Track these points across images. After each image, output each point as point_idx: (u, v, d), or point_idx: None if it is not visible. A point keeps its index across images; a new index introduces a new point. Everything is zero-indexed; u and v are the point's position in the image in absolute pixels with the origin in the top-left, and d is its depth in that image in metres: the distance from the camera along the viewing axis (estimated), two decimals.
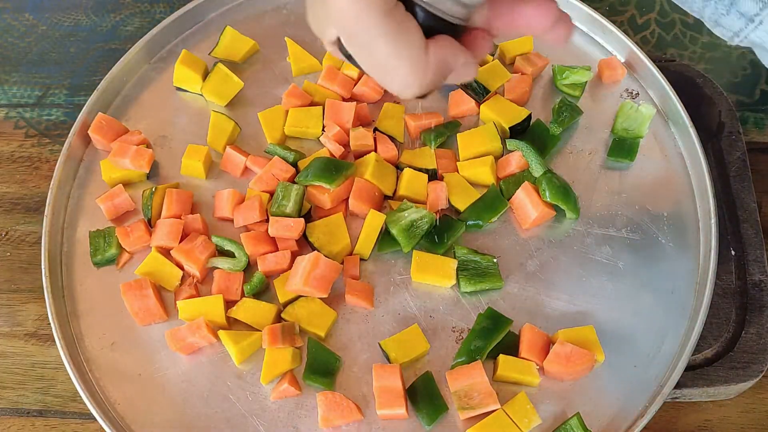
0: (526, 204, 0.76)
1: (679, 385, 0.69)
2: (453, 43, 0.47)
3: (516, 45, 0.87)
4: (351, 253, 0.76)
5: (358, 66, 0.47)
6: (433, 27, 0.46)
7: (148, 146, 0.83)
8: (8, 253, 0.84)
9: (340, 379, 0.70)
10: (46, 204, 0.78)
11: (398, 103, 0.85)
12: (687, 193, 0.79)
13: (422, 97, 0.49)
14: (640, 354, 0.71)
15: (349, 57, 0.47)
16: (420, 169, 0.79)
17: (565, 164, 0.81)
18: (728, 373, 0.71)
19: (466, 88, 0.83)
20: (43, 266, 0.75)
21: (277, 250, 0.75)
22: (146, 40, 0.89)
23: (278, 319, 0.73)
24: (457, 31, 0.47)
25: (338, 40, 0.46)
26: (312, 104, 0.84)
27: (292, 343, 0.70)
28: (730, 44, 0.55)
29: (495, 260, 0.75)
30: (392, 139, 0.82)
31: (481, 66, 0.85)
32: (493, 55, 0.86)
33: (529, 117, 0.82)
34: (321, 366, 0.70)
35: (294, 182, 0.78)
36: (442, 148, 0.82)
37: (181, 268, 0.75)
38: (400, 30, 0.43)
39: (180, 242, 0.75)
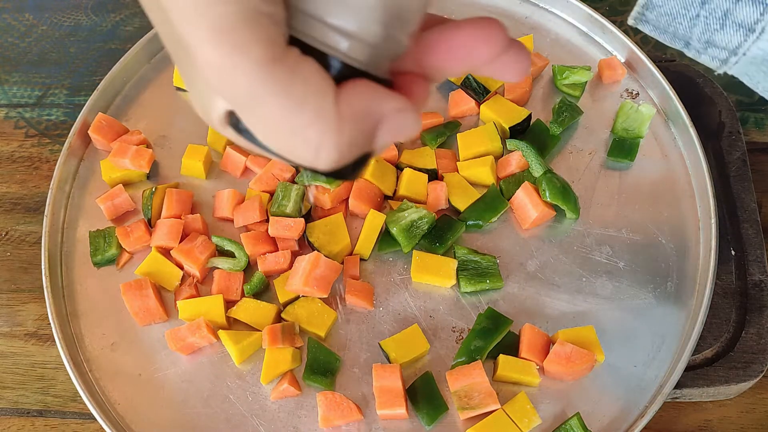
0: (526, 204, 0.76)
1: (679, 385, 0.69)
2: (373, 87, 0.35)
3: None
4: (351, 253, 0.76)
5: (260, 146, 0.36)
6: (344, 79, 0.35)
7: (148, 146, 0.83)
8: (8, 253, 0.84)
9: (340, 379, 0.70)
10: (46, 204, 0.78)
11: None
12: (687, 193, 0.79)
13: (345, 173, 0.38)
14: (640, 354, 0.71)
15: (246, 132, 0.36)
16: (420, 169, 0.79)
17: (565, 164, 0.81)
18: (728, 373, 0.71)
19: (466, 88, 0.83)
20: (43, 266, 0.75)
21: (277, 250, 0.75)
22: (146, 40, 0.89)
23: (278, 319, 0.73)
24: (380, 82, 0.36)
25: (229, 115, 0.36)
26: None
27: (292, 343, 0.70)
28: (718, 73, 0.46)
29: (495, 260, 0.75)
30: None
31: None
32: None
33: (529, 117, 0.82)
34: (321, 366, 0.70)
35: (294, 182, 0.78)
36: (442, 148, 0.82)
37: (181, 268, 0.75)
38: (294, 78, 0.33)
39: (180, 242, 0.75)
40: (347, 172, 0.38)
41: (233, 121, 0.36)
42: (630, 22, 0.48)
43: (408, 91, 0.38)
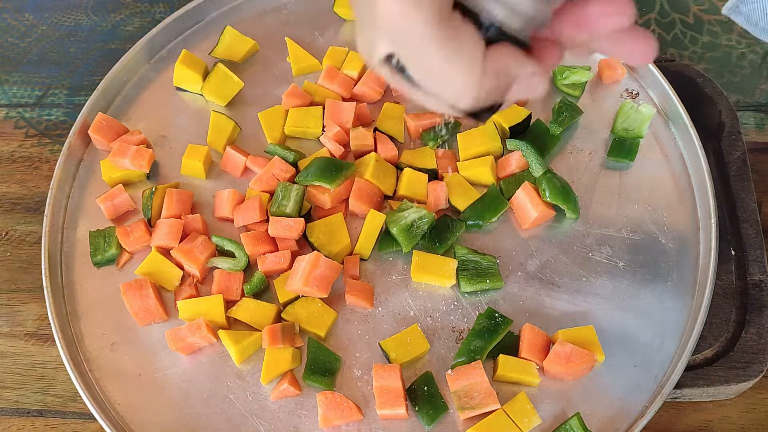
0: (526, 204, 0.76)
1: (679, 385, 0.69)
2: (515, 51, 0.44)
3: None
4: (351, 253, 0.76)
5: (411, 81, 0.46)
6: (494, 40, 0.44)
7: (148, 146, 0.83)
8: (8, 253, 0.84)
9: (340, 379, 0.70)
10: (46, 204, 0.78)
11: (398, 103, 0.85)
12: (687, 193, 0.79)
13: (479, 115, 0.47)
14: (640, 354, 0.71)
15: (401, 71, 0.46)
16: (420, 169, 0.79)
17: (565, 164, 0.81)
18: (728, 373, 0.71)
19: None
20: (43, 266, 0.75)
21: (277, 250, 0.75)
22: (146, 40, 0.89)
23: (278, 319, 0.73)
24: (521, 45, 0.45)
25: (388, 57, 0.45)
26: (312, 104, 0.84)
27: (292, 343, 0.70)
28: None
29: (495, 260, 0.75)
30: (392, 139, 0.82)
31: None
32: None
33: (529, 117, 0.82)
34: (321, 366, 0.70)
35: (294, 182, 0.78)
36: (442, 148, 0.82)
37: (181, 268, 0.75)
38: (454, 36, 0.42)
39: (180, 242, 0.75)
40: (478, 114, 0.48)
41: (393, 62, 0.45)
42: (724, 11, 0.52)
43: (542, 54, 0.46)
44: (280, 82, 0.88)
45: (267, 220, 0.76)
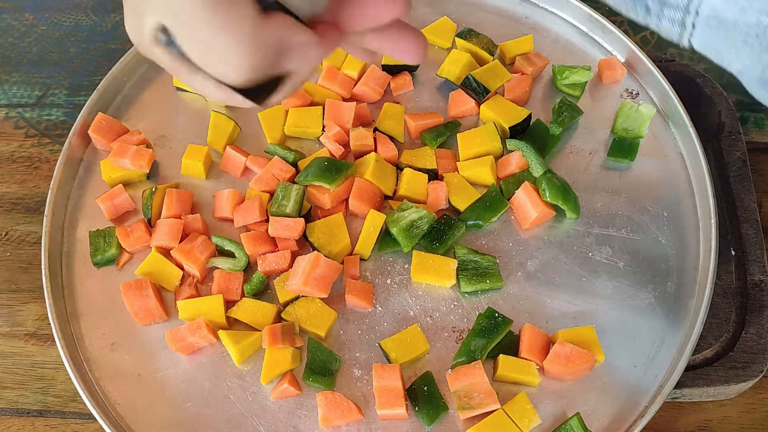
0: (526, 204, 0.76)
1: (679, 385, 0.69)
2: (291, 21, 0.44)
3: (516, 45, 0.87)
4: (351, 253, 0.76)
5: (182, 54, 0.44)
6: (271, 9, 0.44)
7: (148, 146, 0.83)
8: (8, 253, 0.84)
9: (340, 379, 0.70)
10: (46, 204, 0.78)
11: (398, 103, 0.85)
12: (687, 193, 0.79)
13: (256, 95, 0.45)
14: (640, 354, 0.71)
15: (171, 44, 0.44)
16: (420, 169, 0.79)
17: (565, 164, 0.81)
18: (728, 373, 0.71)
19: (466, 88, 0.83)
20: (43, 266, 0.75)
21: (277, 250, 0.75)
22: None
23: (278, 319, 0.73)
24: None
25: (159, 32, 0.43)
26: (312, 104, 0.84)
27: (292, 343, 0.70)
28: (683, 45, 0.48)
29: (495, 260, 0.75)
30: (392, 139, 0.82)
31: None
32: (493, 54, 0.87)
33: (529, 117, 0.82)
34: (321, 366, 0.70)
35: (294, 182, 0.78)
36: (442, 148, 0.82)
37: (181, 268, 0.75)
38: (227, 4, 0.41)
39: (180, 242, 0.75)
40: (258, 93, 0.45)
41: (164, 38, 0.43)
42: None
43: (321, 35, 0.46)
44: None
45: (267, 220, 0.76)
